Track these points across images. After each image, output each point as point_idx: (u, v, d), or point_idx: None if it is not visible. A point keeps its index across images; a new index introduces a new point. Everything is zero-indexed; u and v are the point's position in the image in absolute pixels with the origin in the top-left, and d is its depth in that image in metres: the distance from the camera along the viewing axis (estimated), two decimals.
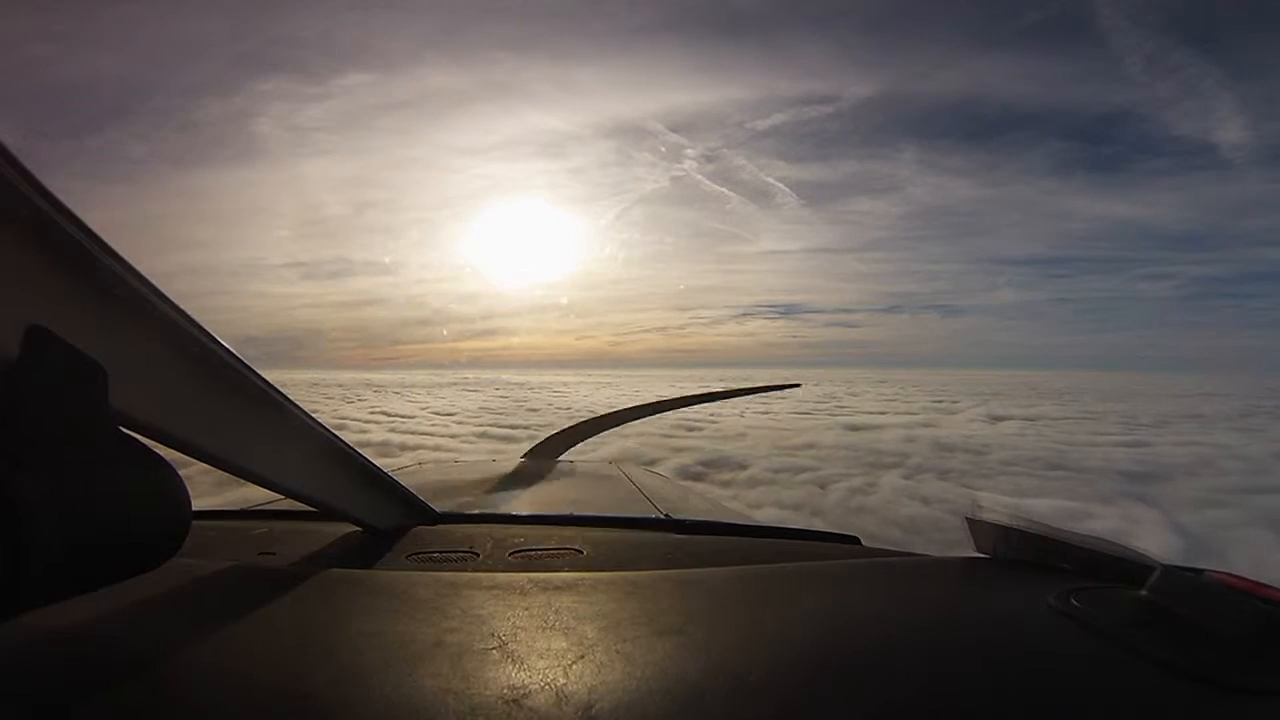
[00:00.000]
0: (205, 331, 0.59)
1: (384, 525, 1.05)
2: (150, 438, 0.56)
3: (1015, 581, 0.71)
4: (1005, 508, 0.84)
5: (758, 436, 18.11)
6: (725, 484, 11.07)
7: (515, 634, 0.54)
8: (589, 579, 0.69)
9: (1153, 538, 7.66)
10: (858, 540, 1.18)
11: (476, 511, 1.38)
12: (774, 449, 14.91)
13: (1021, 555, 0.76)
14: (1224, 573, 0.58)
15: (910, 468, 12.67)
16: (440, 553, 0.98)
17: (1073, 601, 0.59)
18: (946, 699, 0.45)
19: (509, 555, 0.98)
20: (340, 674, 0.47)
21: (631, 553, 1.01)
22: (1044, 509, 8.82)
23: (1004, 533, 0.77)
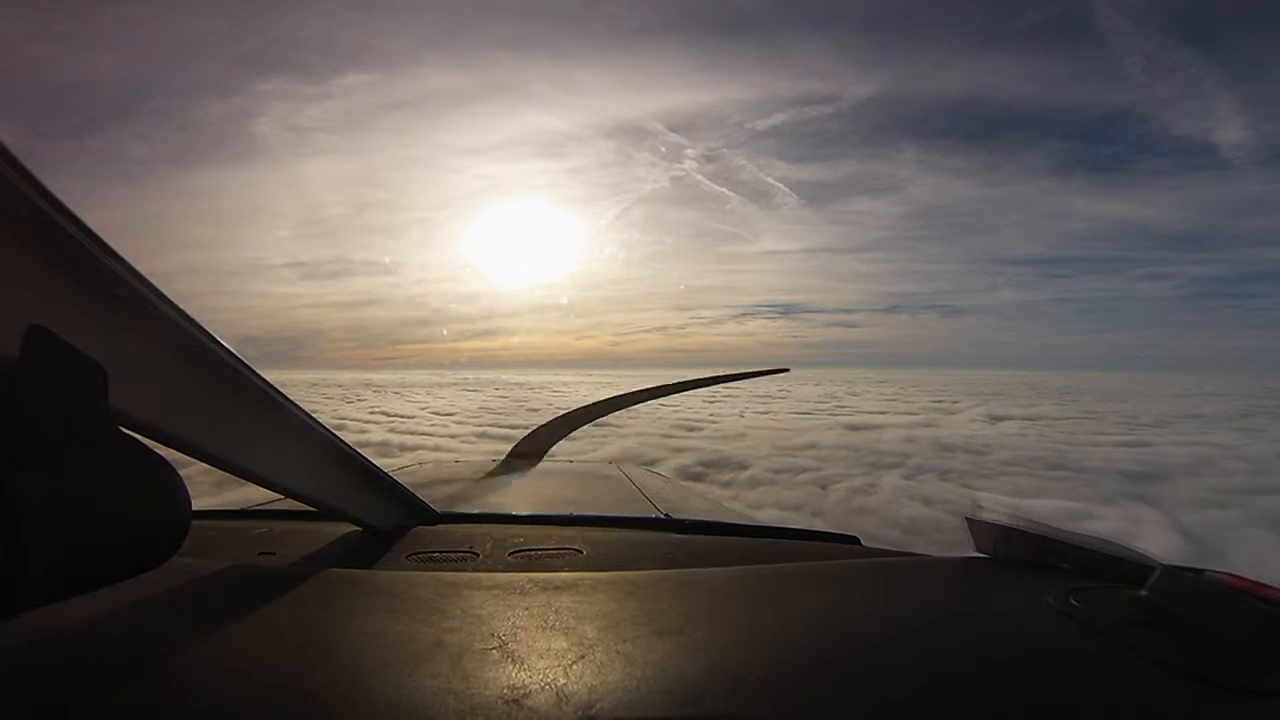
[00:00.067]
0: (205, 331, 0.59)
1: (384, 525, 1.05)
2: (150, 438, 0.56)
3: (1015, 581, 0.71)
4: (1006, 508, 0.84)
5: (758, 436, 18.10)
6: (725, 484, 11.07)
7: (515, 634, 0.54)
8: (589, 579, 0.69)
9: (1154, 538, 7.65)
10: (858, 540, 1.18)
11: (476, 511, 1.38)
12: (774, 449, 14.92)
13: (1021, 555, 0.76)
14: (1224, 573, 0.58)
15: (911, 468, 12.67)
16: (440, 553, 0.98)
17: (1073, 601, 0.59)
18: (946, 699, 0.45)
19: (509, 555, 0.98)
20: (340, 674, 0.47)
21: (631, 553, 1.01)
22: (1045, 509, 8.81)
23: (1004, 533, 0.77)
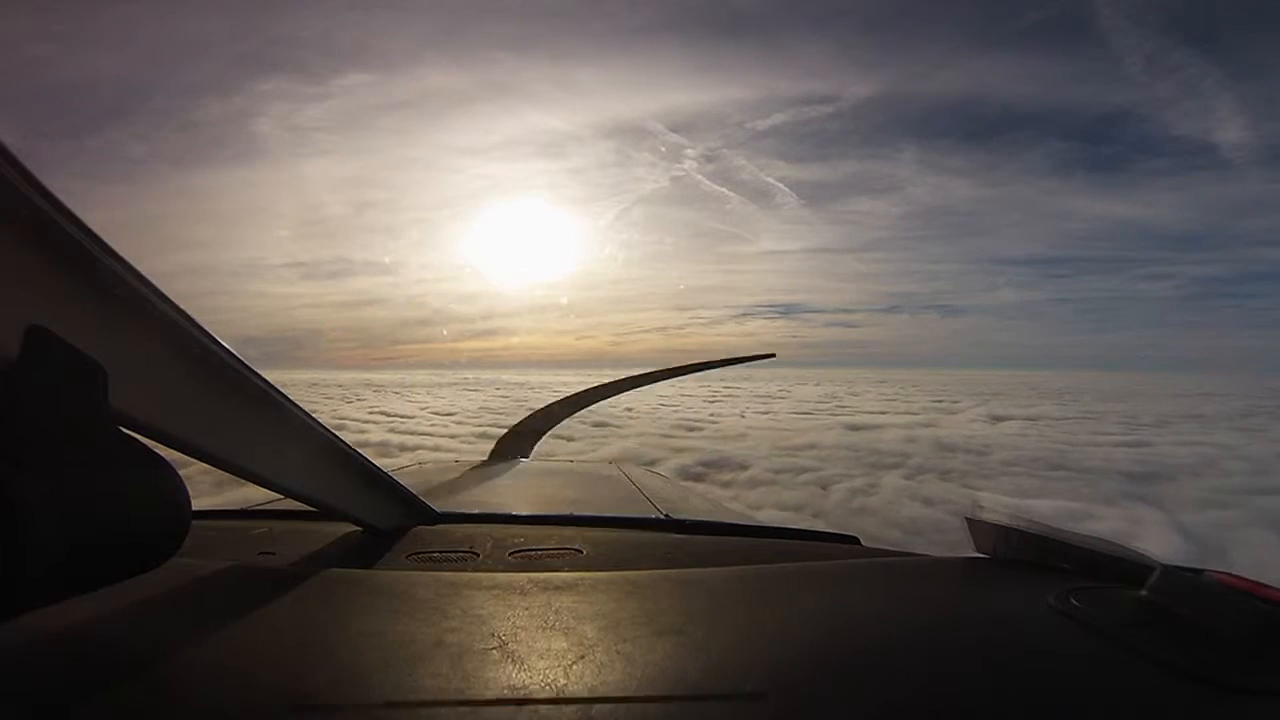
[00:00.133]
0: (205, 331, 0.59)
1: (384, 525, 1.05)
2: (150, 438, 0.56)
3: (1015, 581, 0.71)
4: (1007, 508, 0.84)
5: (758, 437, 18.11)
6: (726, 484, 11.06)
7: (515, 634, 0.54)
8: (589, 579, 0.69)
9: (1155, 538, 7.65)
10: (857, 540, 1.18)
11: (476, 511, 1.38)
12: (775, 449, 14.92)
13: (1021, 555, 0.76)
14: (1224, 573, 0.58)
15: (912, 468, 12.67)
16: (440, 553, 0.98)
17: (1073, 601, 0.59)
18: (946, 699, 0.45)
19: (509, 555, 0.98)
20: (340, 674, 0.47)
21: (631, 553, 1.01)
22: (1046, 510, 8.81)
23: (1004, 533, 0.77)
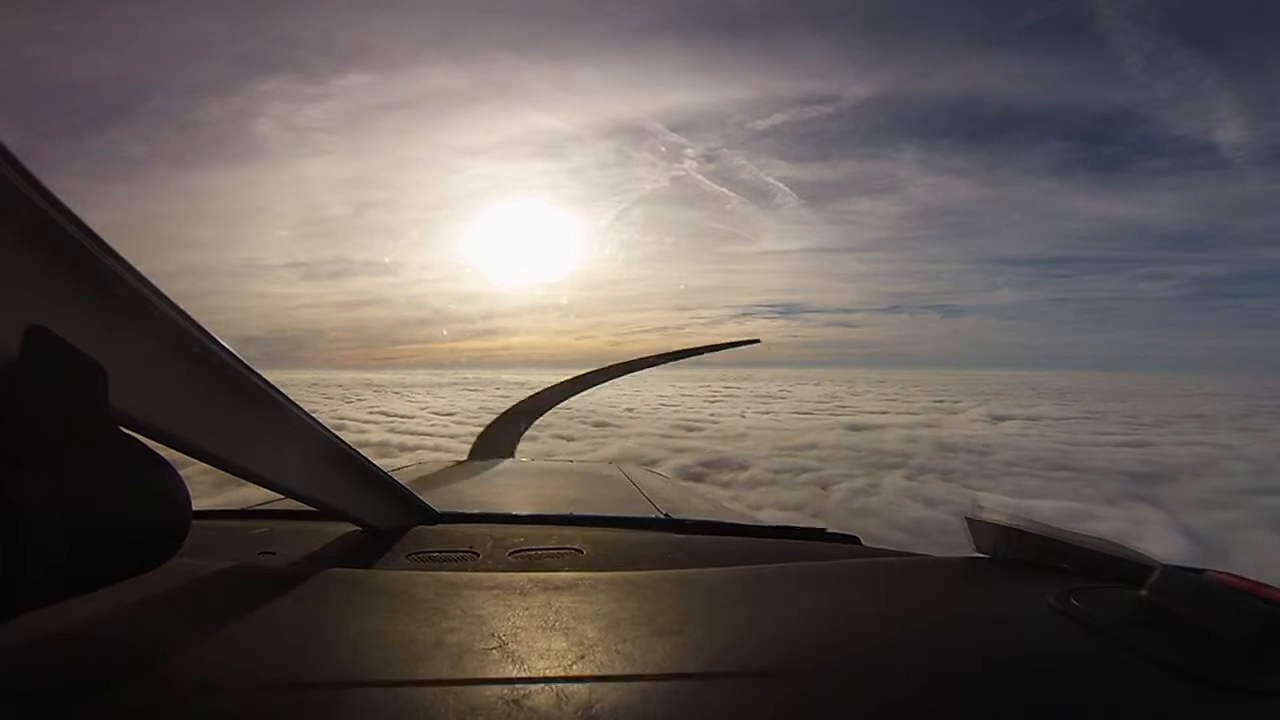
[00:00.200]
0: (205, 331, 0.59)
1: (384, 525, 1.05)
2: (150, 438, 0.56)
3: (1015, 581, 0.71)
4: (1008, 508, 0.84)
5: (758, 436, 18.08)
6: (726, 484, 11.04)
7: (515, 634, 0.54)
8: (589, 579, 0.69)
9: (1157, 539, 7.63)
10: (858, 540, 1.18)
11: (476, 511, 1.38)
12: (775, 449, 14.89)
13: (1022, 555, 0.76)
14: (1224, 573, 0.58)
15: (913, 468, 12.64)
16: (440, 552, 0.98)
17: (1073, 601, 0.59)
18: (946, 699, 0.45)
19: (509, 555, 0.98)
20: (340, 674, 0.47)
21: (631, 553, 1.01)
22: (1048, 510, 8.79)
23: (1004, 533, 0.77)
